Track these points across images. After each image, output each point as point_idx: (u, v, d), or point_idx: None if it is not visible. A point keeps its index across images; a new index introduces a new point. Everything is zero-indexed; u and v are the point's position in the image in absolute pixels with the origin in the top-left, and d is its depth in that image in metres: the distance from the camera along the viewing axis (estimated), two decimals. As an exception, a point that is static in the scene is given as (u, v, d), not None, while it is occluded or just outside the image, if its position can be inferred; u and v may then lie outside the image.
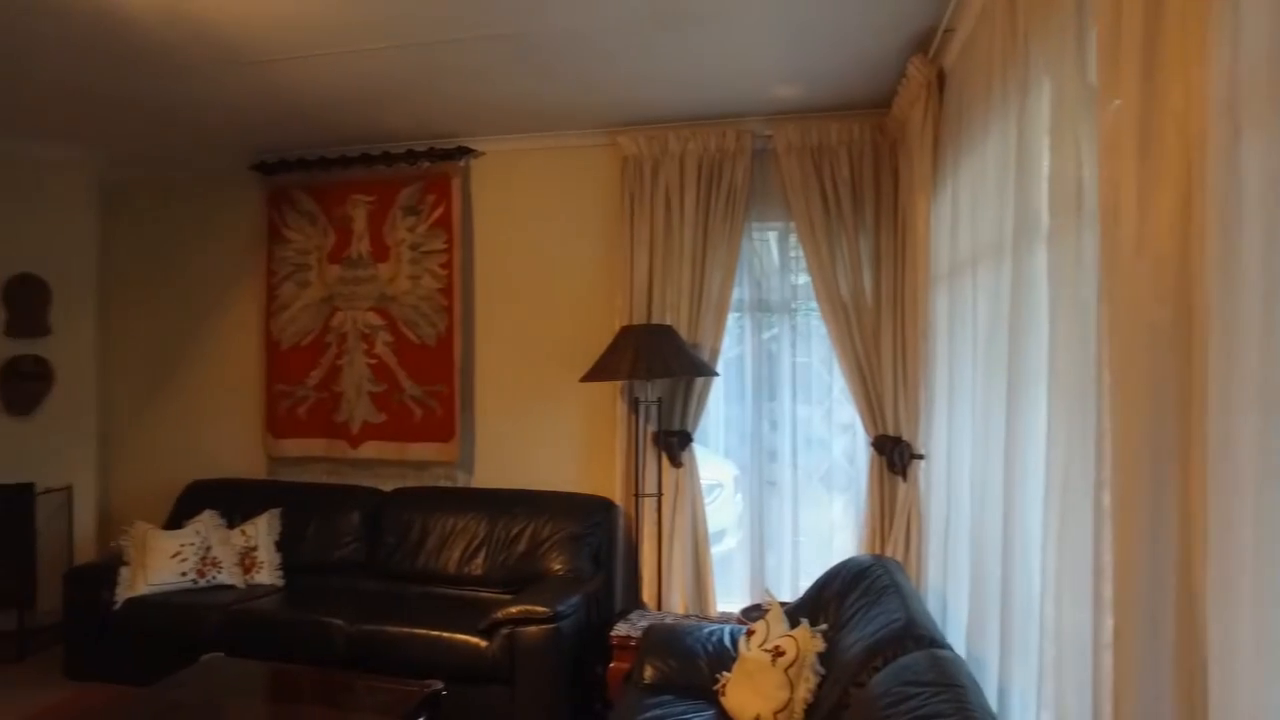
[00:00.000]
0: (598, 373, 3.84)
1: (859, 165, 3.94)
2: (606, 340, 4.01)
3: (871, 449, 3.91)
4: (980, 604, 2.28)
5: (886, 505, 3.86)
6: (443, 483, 4.58)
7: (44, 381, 4.77)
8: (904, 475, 3.67)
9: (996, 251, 2.22)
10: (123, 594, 3.99)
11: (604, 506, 4.17)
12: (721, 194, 4.08)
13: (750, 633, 2.78)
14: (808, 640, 2.55)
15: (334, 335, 4.73)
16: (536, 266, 4.50)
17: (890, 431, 3.82)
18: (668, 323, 4.04)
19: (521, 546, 4.05)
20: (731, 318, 4.16)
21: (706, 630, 3.11)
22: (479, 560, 4.09)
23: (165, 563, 4.11)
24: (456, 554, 4.13)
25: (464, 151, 4.51)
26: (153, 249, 5.20)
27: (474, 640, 3.44)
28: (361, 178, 4.67)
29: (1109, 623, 1.28)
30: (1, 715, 3.59)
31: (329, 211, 4.75)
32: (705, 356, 4.03)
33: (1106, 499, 1.33)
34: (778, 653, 2.54)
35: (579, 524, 4.04)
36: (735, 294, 4.14)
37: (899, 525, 3.63)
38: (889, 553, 3.62)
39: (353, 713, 2.86)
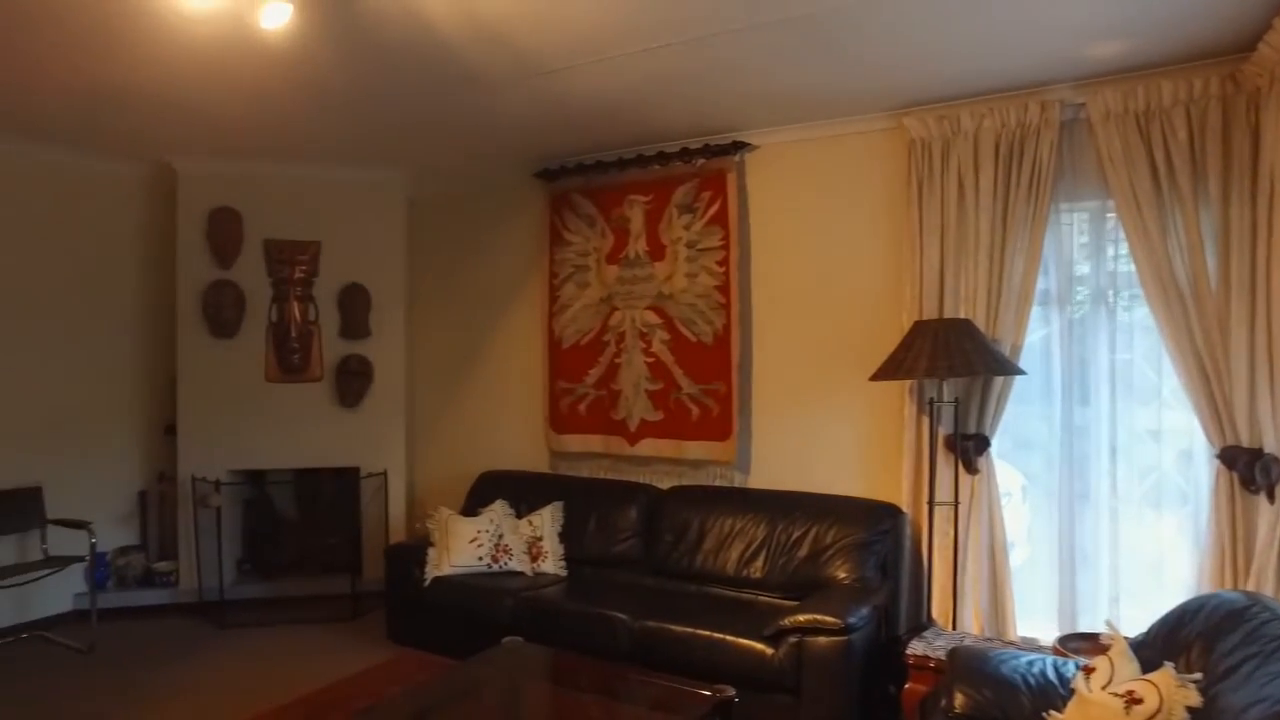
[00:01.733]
0: (890, 370, 3.59)
1: (1200, 127, 3.34)
2: (892, 336, 3.75)
3: (1217, 462, 3.31)
4: None
5: (1239, 529, 3.25)
6: (718, 482, 4.54)
7: (366, 378, 5.40)
8: (1270, 496, 3.07)
9: None
10: (431, 572, 4.38)
11: (891, 513, 3.90)
12: (1023, 173, 3.67)
13: (1089, 669, 2.42)
14: (1173, 689, 2.15)
15: (612, 334, 4.88)
16: (816, 260, 4.32)
17: (1244, 442, 3.22)
18: (963, 316, 3.70)
19: (803, 551, 3.90)
20: (1035, 310, 3.72)
21: (1025, 659, 2.76)
22: (758, 563, 4.00)
23: (465, 547, 4.46)
24: (735, 555, 4.07)
25: (739, 146, 4.44)
26: (448, 257, 5.71)
27: (759, 646, 3.35)
28: (637, 178, 4.76)
29: None
30: (336, 668, 4.06)
31: (606, 213, 4.90)
32: (1006, 353, 3.64)
33: None
34: (1133, 699, 2.17)
35: (865, 531, 3.81)
36: (1040, 283, 3.70)
37: (1263, 557, 3.06)
38: (1249, 588, 3.04)
39: (648, 711, 2.87)
